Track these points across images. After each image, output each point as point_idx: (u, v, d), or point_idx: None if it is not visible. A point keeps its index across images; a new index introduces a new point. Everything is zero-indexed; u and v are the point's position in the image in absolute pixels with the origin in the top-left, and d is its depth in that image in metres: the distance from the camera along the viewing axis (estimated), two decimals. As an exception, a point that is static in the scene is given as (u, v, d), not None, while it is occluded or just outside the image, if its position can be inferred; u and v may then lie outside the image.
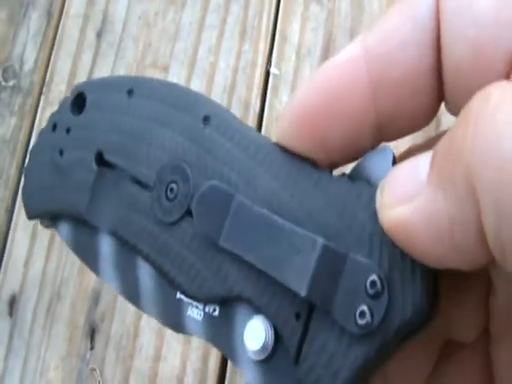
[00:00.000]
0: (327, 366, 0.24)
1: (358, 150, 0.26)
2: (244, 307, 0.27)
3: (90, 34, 0.68)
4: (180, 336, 0.56)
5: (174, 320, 0.29)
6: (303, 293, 0.24)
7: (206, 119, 0.29)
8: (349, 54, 0.25)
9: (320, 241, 0.24)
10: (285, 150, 0.27)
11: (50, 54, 0.68)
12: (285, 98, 0.61)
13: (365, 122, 0.25)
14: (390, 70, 0.24)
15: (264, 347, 0.26)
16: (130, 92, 0.31)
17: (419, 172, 0.22)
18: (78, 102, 0.33)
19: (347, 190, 0.25)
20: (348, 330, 0.24)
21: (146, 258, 0.29)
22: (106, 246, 0.31)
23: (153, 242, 0.29)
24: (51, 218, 0.33)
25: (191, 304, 0.28)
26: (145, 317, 0.58)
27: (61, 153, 0.32)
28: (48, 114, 0.64)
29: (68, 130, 0.32)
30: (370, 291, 0.24)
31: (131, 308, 0.58)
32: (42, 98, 0.67)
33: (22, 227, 0.63)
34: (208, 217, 0.27)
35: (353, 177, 0.26)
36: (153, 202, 0.29)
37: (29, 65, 0.68)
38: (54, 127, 0.33)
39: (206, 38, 0.64)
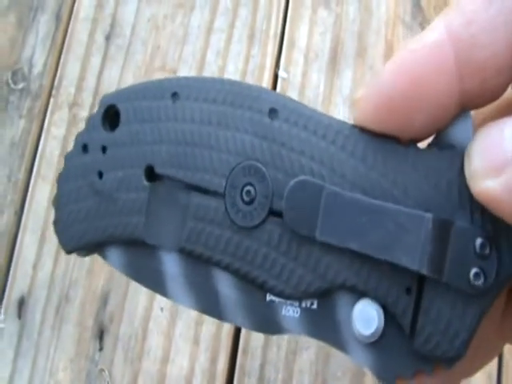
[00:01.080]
0: (445, 332, 0.25)
1: (440, 125, 0.26)
2: (345, 294, 0.27)
3: (99, 38, 0.68)
4: (188, 337, 0.56)
5: (269, 324, 0.28)
6: (417, 267, 0.25)
7: (272, 112, 0.28)
8: (434, 36, 0.24)
9: (427, 216, 0.25)
10: (364, 131, 0.27)
11: (59, 58, 0.68)
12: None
13: (450, 103, 0.25)
14: (478, 52, 0.24)
15: (377, 329, 0.26)
16: (174, 95, 0.29)
17: (505, 142, 0.23)
18: (109, 116, 0.31)
19: (438, 159, 0.26)
20: (462, 293, 0.25)
21: (227, 268, 0.28)
22: (173, 265, 0.29)
23: (233, 250, 0.28)
24: (95, 248, 0.31)
25: (285, 303, 0.28)
26: (153, 318, 0.58)
27: (100, 175, 0.30)
28: (57, 117, 0.65)
29: (104, 149, 0.30)
30: (480, 253, 0.25)
31: (140, 310, 0.59)
32: (51, 101, 0.67)
33: (31, 230, 0.64)
34: (300, 213, 0.26)
35: (439, 146, 0.26)
36: (227, 209, 0.28)
37: (38, 68, 0.69)
38: (85, 148, 0.31)
39: (215, 41, 0.65)
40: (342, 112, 0.60)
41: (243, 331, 0.56)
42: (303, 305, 0.28)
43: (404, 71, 0.25)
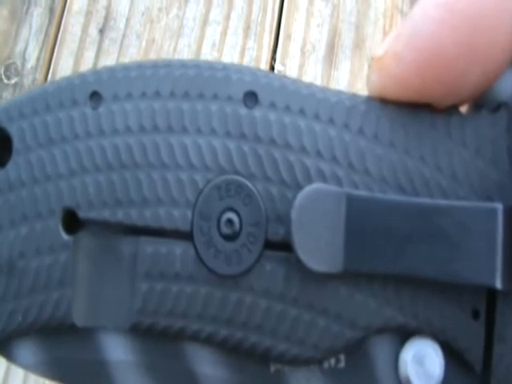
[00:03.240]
0: None
1: (491, 83, 0.20)
2: (385, 339, 0.20)
3: (93, 31, 0.67)
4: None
5: None
6: (489, 281, 0.18)
7: (248, 97, 0.20)
8: None
9: (496, 206, 0.18)
10: (386, 103, 0.20)
11: (53, 52, 0.67)
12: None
13: (508, 51, 0.19)
14: None
15: (433, 374, 0.20)
16: (94, 97, 0.20)
17: None
18: None
19: (491, 125, 0.19)
20: None
21: (209, 340, 0.20)
22: (121, 351, 0.20)
23: (216, 311, 0.19)
24: None
25: (296, 371, 0.20)
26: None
27: None
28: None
29: None
30: None
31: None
32: (45, 95, 0.66)
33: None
34: (315, 240, 0.19)
35: (487, 108, 0.20)
36: (198, 253, 0.20)
37: (31, 62, 0.68)
38: None
39: (210, 33, 0.64)
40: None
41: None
42: (325, 366, 0.20)
43: (457, 11, 0.19)
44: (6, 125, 0.21)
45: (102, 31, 0.67)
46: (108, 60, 0.66)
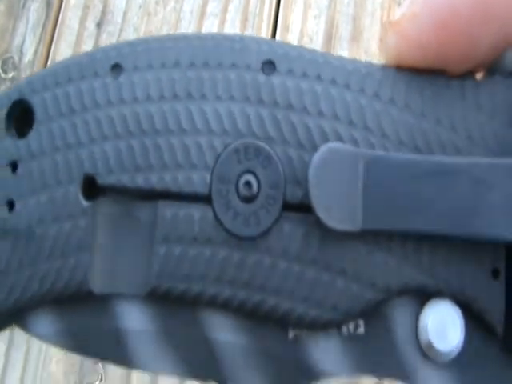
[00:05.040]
0: None
1: (506, 46, 0.20)
2: (404, 302, 0.20)
3: (90, 25, 0.67)
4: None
5: (296, 371, 0.20)
6: (510, 234, 0.18)
7: (267, 65, 0.20)
8: None
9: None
10: (398, 70, 0.20)
11: (50, 46, 0.67)
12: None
13: None
14: None
15: (454, 338, 0.19)
16: (115, 68, 0.21)
17: None
18: (17, 116, 0.21)
19: (506, 89, 0.19)
20: None
21: (227, 305, 0.20)
22: (137, 319, 0.20)
23: (235, 274, 0.19)
24: (11, 317, 0.21)
25: (316, 335, 0.20)
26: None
27: (10, 206, 0.20)
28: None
29: (14, 166, 0.21)
30: None
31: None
32: (42, 89, 0.66)
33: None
34: (332, 198, 0.19)
35: (502, 72, 0.20)
36: (217, 215, 0.19)
37: (28, 56, 0.68)
38: None
39: (208, 26, 0.64)
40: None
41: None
42: (344, 331, 0.20)
43: None
44: (29, 97, 0.21)
45: (99, 25, 0.67)
46: (105, 53, 0.66)
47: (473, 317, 0.19)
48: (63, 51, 0.67)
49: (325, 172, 0.19)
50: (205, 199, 0.19)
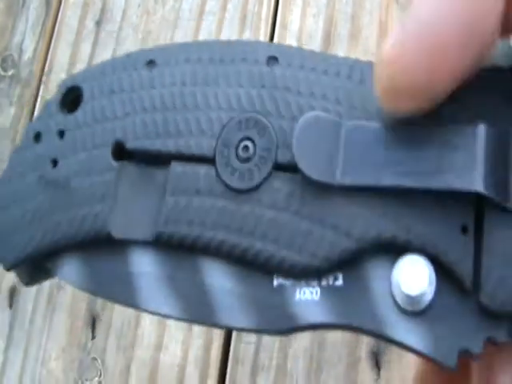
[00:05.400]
0: None
1: (483, 61, 0.21)
2: (380, 256, 0.21)
3: (89, 23, 0.67)
4: (181, 324, 0.56)
5: (278, 317, 0.22)
6: (480, 187, 0.19)
7: (271, 60, 0.24)
8: None
9: (481, 126, 0.20)
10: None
11: (49, 44, 0.67)
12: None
13: (498, 28, 0.20)
14: None
15: (427, 288, 0.20)
16: (150, 63, 0.25)
17: None
18: (69, 98, 0.27)
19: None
20: None
21: (220, 248, 0.23)
22: (147, 263, 0.24)
23: (228, 220, 0.22)
24: (43, 260, 0.25)
25: (298, 285, 0.22)
26: (146, 306, 0.57)
27: (54, 163, 0.25)
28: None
29: (61, 134, 0.26)
30: None
31: (132, 297, 0.58)
32: (42, 87, 0.66)
33: (22, 218, 0.63)
34: (314, 155, 0.21)
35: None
36: (218, 172, 0.23)
37: (28, 54, 0.68)
38: (38, 137, 0.26)
39: (206, 25, 0.64)
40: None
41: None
42: (323, 283, 0.22)
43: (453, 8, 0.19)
44: (81, 83, 0.26)
45: (98, 23, 0.67)
46: (105, 52, 0.66)
47: (443, 271, 0.21)
48: (62, 49, 0.67)
49: (308, 134, 0.22)
50: (210, 160, 0.23)
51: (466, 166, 0.20)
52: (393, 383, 0.51)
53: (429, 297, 0.21)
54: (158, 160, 0.24)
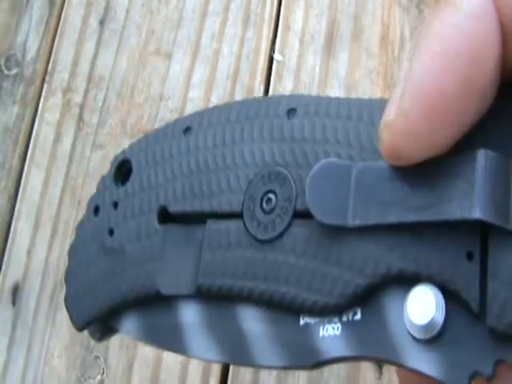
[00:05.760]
0: None
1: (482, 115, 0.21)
2: (393, 289, 0.23)
3: (93, 22, 0.67)
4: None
5: (305, 353, 0.24)
6: (477, 214, 0.20)
7: (290, 112, 0.25)
8: (477, 10, 0.20)
9: (481, 152, 0.20)
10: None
11: (53, 43, 0.68)
12: (288, 85, 0.60)
13: (496, 83, 0.21)
14: None
15: (435, 317, 0.21)
16: (187, 130, 0.28)
17: None
18: (121, 171, 0.29)
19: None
20: None
21: (250, 295, 0.24)
22: (190, 313, 0.26)
23: (255, 269, 0.24)
24: (108, 318, 0.28)
25: (322, 322, 0.23)
26: (148, 304, 0.58)
27: (111, 233, 0.28)
28: (50, 103, 0.65)
29: (115, 205, 0.29)
30: None
31: (135, 295, 0.58)
32: (45, 86, 0.66)
33: (25, 216, 0.63)
34: (327, 199, 0.23)
35: None
36: (246, 226, 0.25)
37: (31, 53, 0.68)
38: (96, 210, 0.29)
39: (210, 24, 0.64)
40: (337, 95, 0.60)
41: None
42: (344, 318, 0.23)
43: (452, 54, 0.20)
44: (129, 157, 0.29)
45: (102, 22, 0.67)
46: (108, 51, 0.66)
47: (452, 298, 0.21)
48: (66, 48, 0.67)
49: (320, 181, 0.23)
50: (239, 215, 0.25)
51: (465, 194, 0.20)
52: (395, 383, 0.51)
53: (439, 325, 0.21)
54: (196, 219, 0.26)
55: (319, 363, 0.24)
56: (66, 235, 0.61)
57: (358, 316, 0.23)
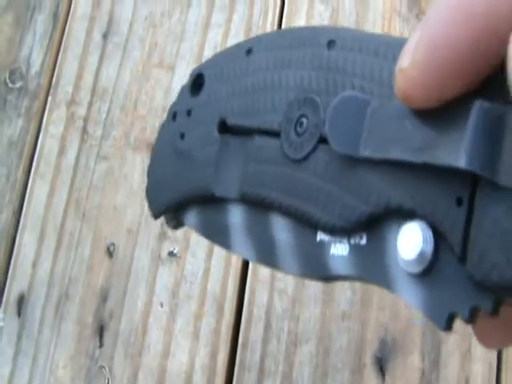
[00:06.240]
0: (502, 248, 0.20)
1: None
2: (394, 221, 0.24)
3: (97, 36, 0.68)
4: (188, 332, 0.56)
5: (318, 266, 0.26)
6: (462, 162, 0.20)
7: (330, 44, 0.27)
8: None
9: (476, 103, 0.21)
10: None
11: (57, 56, 0.68)
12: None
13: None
14: None
15: (421, 252, 0.23)
16: (248, 51, 0.30)
17: None
18: (196, 83, 0.33)
19: None
20: None
21: (280, 207, 0.27)
22: (236, 215, 0.30)
23: (285, 185, 0.27)
24: (177, 210, 0.33)
25: (334, 241, 0.26)
26: (153, 314, 0.58)
27: (182, 137, 0.32)
28: (55, 116, 0.65)
29: (189, 113, 0.32)
30: None
31: (139, 305, 0.58)
32: (49, 99, 0.67)
33: (30, 228, 0.64)
34: (343, 130, 0.25)
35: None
36: (281, 144, 0.28)
37: (35, 67, 0.69)
38: (174, 116, 0.33)
39: (212, 36, 0.65)
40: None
41: (243, 325, 0.55)
42: (352, 241, 0.26)
43: (470, 11, 0.20)
44: (203, 71, 0.32)
45: (105, 36, 0.68)
46: (111, 64, 0.67)
47: (442, 239, 0.23)
48: (70, 62, 0.68)
49: (340, 112, 0.25)
50: (278, 133, 0.28)
51: (456, 143, 0.21)
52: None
53: (426, 260, 0.23)
54: (247, 134, 0.29)
55: (328, 277, 0.27)
56: (70, 247, 0.62)
57: (364, 241, 0.25)
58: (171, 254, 0.59)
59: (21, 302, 0.62)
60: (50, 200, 0.64)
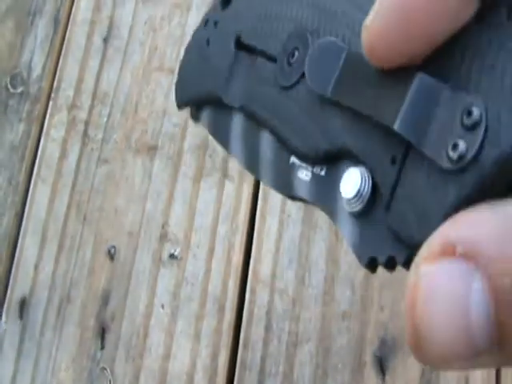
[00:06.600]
0: (416, 210, 0.22)
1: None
2: (347, 162, 0.27)
3: (97, 40, 0.68)
4: (189, 333, 0.57)
5: (286, 184, 0.30)
6: (395, 125, 0.23)
7: None
8: None
9: (419, 75, 0.23)
10: None
11: (58, 61, 0.69)
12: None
13: (471, 4, 0.21)
14: None
15: (358, 194, 0.25)
16: None
17: None
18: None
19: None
20: (440, 167, 0.22)
21: (266, 125, 0.30)
22: (237, 123, 0.33)
23: (272, 107, 0.30)
24: (196, 106, 0.36)
25: (301, 166, 0.29)
26: (154, 316, 0.58)
27: (208, 43, 0.35)
28: (56, 120, 0.66)
29: (216, 24, 0.35)
30: (466, 122, 0.21)
31: (141, 307, 0.59)
32: (50, 104, 0.67)
33: (32, 232, 0.64)
34: (319, 71, 0.27)
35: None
36: (276, 70, 0.30)
37: (37, 72, 0.69)
38: (206, 23, 0.35)
39: (211, 40, 0.65)
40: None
41: (243, 325, 0.56)
42: (314, 170, 0.28)
43: None
44: None
45: (105, 40, 0.68)
46: (112, 67, 0.67)
47: (376, 186, 0.25)
48: (70, 66, 0.68)
49: (319, 52, 0.27)
50: (275, 59, 0.30)
51: (395, 107, 0.23)
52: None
53: (361, 203, 0.25)
54: (254, 54, 0.31)
55: (292, 196, 0.29)
56: (72, 249, 0.62)
57: (323, 173, 0.28)
58: (172, 256, 0.59)
59: (23, 304, 0.62)
60: (52, 203, 0.64)
